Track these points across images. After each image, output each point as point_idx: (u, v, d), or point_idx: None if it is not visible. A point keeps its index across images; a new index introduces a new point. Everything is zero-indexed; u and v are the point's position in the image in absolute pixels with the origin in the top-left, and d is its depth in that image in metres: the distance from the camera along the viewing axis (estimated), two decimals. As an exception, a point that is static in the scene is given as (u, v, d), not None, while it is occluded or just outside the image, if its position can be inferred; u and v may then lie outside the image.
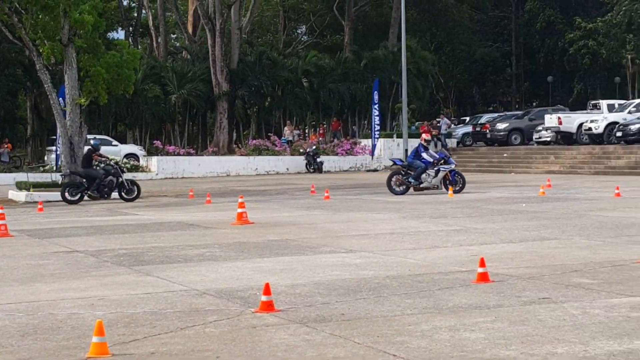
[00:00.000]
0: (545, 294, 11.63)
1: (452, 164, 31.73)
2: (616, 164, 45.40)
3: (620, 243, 16.70)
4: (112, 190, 32.41)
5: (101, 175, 32.21)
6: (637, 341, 8.94)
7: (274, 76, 66.57)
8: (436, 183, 31.48)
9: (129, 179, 33.26)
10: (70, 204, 31.56)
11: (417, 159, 31.59)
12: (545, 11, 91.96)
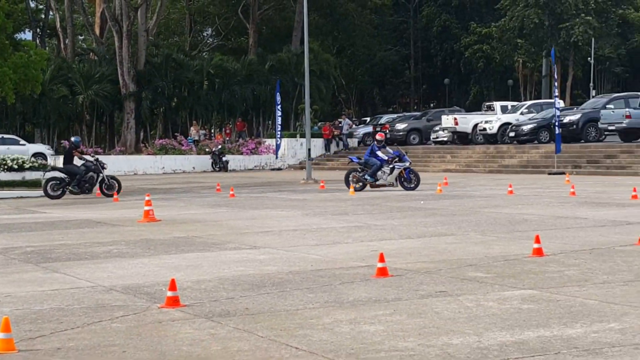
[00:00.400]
0: (441, 288, 11.74)
1: (406, 162, 31.38)
2: (509, 162, 46.04)
3: (512, 238, 16.93)
4: (92, 186, 32.14)
5: (81, 172, 31.88)
6: (528, 332, 9.07)
7: (180, 77, 66.24)
8: (391, 180, 31.30)
9: (109, 175, 32.87)
10: (52, 199, 31.26)
11: (373, 156, 31.48)
12: (442, 16, 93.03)
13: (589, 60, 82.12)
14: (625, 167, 39.76)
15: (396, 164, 31.23)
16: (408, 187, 31.28)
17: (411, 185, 31.37)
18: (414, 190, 30.92)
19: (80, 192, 31.90)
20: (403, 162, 31.33)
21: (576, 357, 8.00)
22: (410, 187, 31.29)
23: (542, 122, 48.56)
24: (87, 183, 31.98)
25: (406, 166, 31.37)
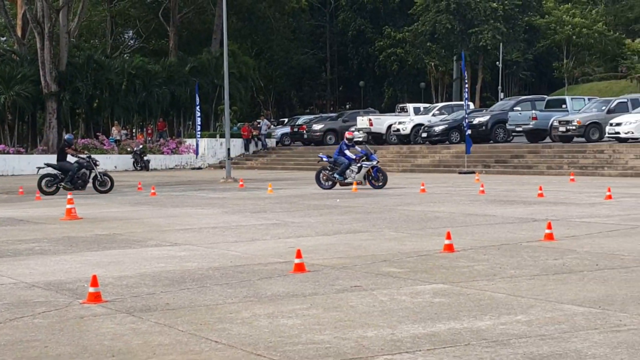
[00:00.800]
0: (356, 282, 11.79)
1: (373, 161, 30.89)
2: (422, 162, 46.39)
3: (425, 235, 17.07)
4: (85, 182, 32.09)
5: (74, 168, 31.79)
6: (439, 324, 9.16)
7: (101, 78, 65.51)
8: (359, 179, 30.76)
9: (102, 172, 32.94)
10: (47, 194, 31.14)
11: (342, 155, 31.05)
12: (357, 21, 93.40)
13: (497, 64, 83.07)
14: (531, 166, 40.31)
15: (364, 163, 30.78)
16: (376, 186, 30.82)
17: (379, 184, 30.94)
18: (382, 188, 30.52)
19: (74, 188, 31.52)
20: (370, 160, 30.90)
21: (485, 348, 8.10)
22: (378, 185, 30.86)
23: (453, 124, 49.02)
24: (80, 179, 31.95)
25: (373, 165, 30.93)
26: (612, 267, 12.51)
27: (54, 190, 31.68)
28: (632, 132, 39.16)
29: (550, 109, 46.32)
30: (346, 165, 30.88)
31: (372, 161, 30.92)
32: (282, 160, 57.27)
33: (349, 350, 8.16)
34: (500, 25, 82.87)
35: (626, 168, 35.95)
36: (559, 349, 8.01)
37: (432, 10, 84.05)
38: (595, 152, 39.21)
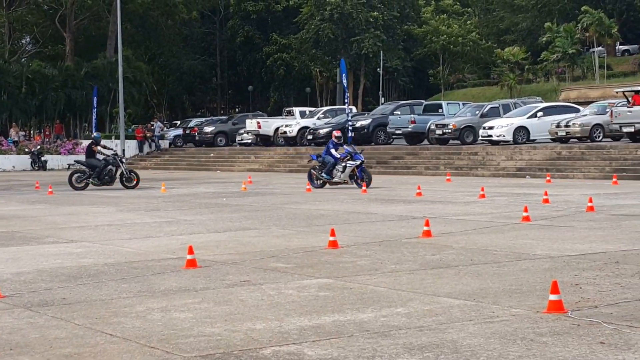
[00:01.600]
0: (246, 277, 11.75)
1: (357, 160, 29.19)
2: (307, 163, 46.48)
3: (310, 232, 17.11)
4: (112, 178, 32.14)
5: (101, 165, 31.93)
6: (324, 317, 9.17)
7: (0, 82, 64.17)
8: (345, 178, 29.38)
9: (128, 169, 33.11)
10: (77, 190, 31.51)
11: (329, 154, 29.76)
12: (245, 28, 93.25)
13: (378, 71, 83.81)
14: (410, 167, 40.74)
15: (348, 162, 29.35)
16: (360, 185, 29.07)
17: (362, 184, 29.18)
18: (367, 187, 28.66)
19: (101, 184, 31.88)
20: (354, 160, 29.32)
21: (367, 340, 8.13)
22: (360, 184, 29.12)
23: (337, 126, 49.15)
24: (107, 175, 31.98)
25: (357, 164, 29.30)
26: (486, 262, 12.71)
27: (84, 185, 31.89)
28: (504, 135, 39.88)
29: (427, 113, 46.85)
30: (332, 164, 29.65)
31: (356, 160, 29.32)
32: (175, 160, 56.84)
33: (239, 342, 8.11)
34: (380, 34, 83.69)
35: (498, 169, 36.60)
36: (436, 339, 8.09)
37: (316, 18, 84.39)
38: (470, 154, 39.81)
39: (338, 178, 29.57)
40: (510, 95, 71.96)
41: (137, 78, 69.45)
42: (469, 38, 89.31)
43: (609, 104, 40.19)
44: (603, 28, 76.72)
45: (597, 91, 64.69)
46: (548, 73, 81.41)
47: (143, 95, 73.48)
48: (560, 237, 15.20)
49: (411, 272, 11.93)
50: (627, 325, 8.44)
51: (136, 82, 69.21)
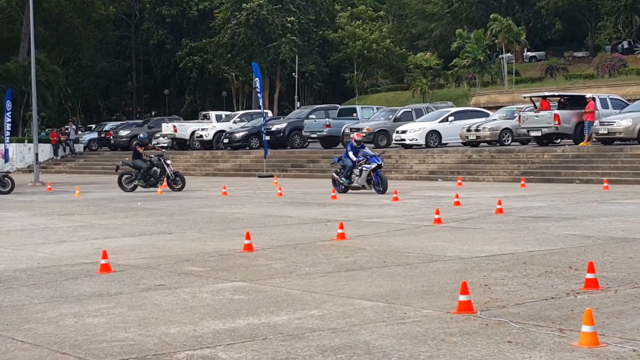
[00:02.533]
0: (160, 281, 11.66)
1: (372, 164, 27.08)
2: (224, 166, 46.35)
3: (226, 235, 17.05)
4: (157, 180, 31.18)
5: (145, 166, 30.97)
6: (239, 320, 9.15)
7: None
8: (362, 183, 27.35)
9: (174, 171, 31.94)
10: (126, 191, 30.77)
11: (347, 157, 27.74)
12: (159, 31, 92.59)
13: (293, 75, 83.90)
14: (325, 170, 40.83)
15: (364, 166, 27.29)
16: (377, 190, 27.05)
17: (379, 188, 27.06)
18: (383, 193, 26.61)
19: (147, 186, 31.08)
20: (369, 163, 27.21)
21: (281, 342, 8.14)
22: (378, 189, 27.06)
23: (253, 130, 49.18)
24: (152, 177, 31.10)
25: (372, 168, 27.16)
26: (398, 264, 12.80)
27: (133, 187, 31.12)
28: (416, 139, 40.24)
29: (342, 117, 47.06)
30: (350, 168, 27.65)
31: (372, 164, 27.22)
32: (90, 164, 56.16)
33: (153, 347, 8.05)
34: (296, 39, 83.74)
35: (411, 172, 36.91)
36: (350, 340, 8.13)
37: (232, 23, 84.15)
38: (384, 157, 40.06)
39: (356, 182, 27.63)
40: (423, 100, 72.62)
41: (51, 81, 68.48)
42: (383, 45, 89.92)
43: (517, 109, 40.84)
44: (511, 35, 77.95)
45: (506, 96, 65.72)
46: (459, 78, 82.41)
47: (57, 99, 72.47)
48: (471, 239, 15.39)
49: (325, 274, 11.97)
50: (533, 324, 8.58)
51: (50, 85, 68.25)
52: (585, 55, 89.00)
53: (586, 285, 10.38)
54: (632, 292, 10.13)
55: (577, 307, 9.26)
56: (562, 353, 7.49)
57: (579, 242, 14.55)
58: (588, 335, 7.71)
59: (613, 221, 17.56)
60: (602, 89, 55.70)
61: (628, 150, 32.13)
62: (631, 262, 12.32)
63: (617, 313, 9.01)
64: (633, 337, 7.97)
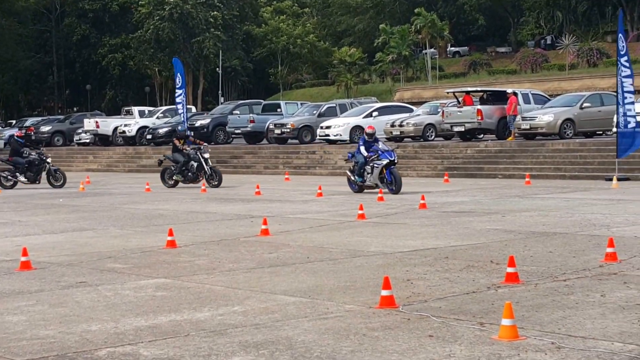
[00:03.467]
0: (82, 279, 11.57)
1: (384, 160, 24.60)
2: (147, 162, 45.97)
3: (149, 232, 16.96)
4: (195, 175, 29.37)
5: (182, 160, 29.40)
6: (161, 317, 9.13)
7: None
8: (375, 181, 24.86)
9: (211, 166, 29.93)
10: (168, 187, 29.48)
11: (359, 153, 25.23)
12: (81, 26, 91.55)
13: (217, 71, 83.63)
14: (250, 166, 40.83)
15: (375, 162, 24.79)
16: (390, 189, 24.56)
17: (392, 187, 24.61)
18: (397, 193, 24.29)
19: (187, 181, 29.49)
20: (380, 160, 24.74)
21: (204, 338, 8.15)
22: (391, 188, 24.58)
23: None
24: (189, 171, 29.44)
25: (384, 164, 24.67)
26: (322, 259, 12.87)
27: (174, 183, 29.79)
28: (341, 135, 40.37)
29: (266, 112, 47.02)
30: (361, 165, 25.23)
31: (383, 160, 24.71)
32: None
33: (74, 345, 8.00)
34: (220, 34, 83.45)
35: (335, 168, 37.04)
36: (272, 336, 8.17)
37: (155, 18, 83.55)
38: (308, 153, 40.16)
39: (369, 181, 25.16)
40: (347, 95, 73.00)
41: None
42: (307, 40, 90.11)
43: (440, 104, 41.22)
44: (435, 30, 78.73)
45: (430, 91, 66.29)
46: (383, 74, 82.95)
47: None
48: (394, 234, 15.53)
49: (248, 270, 11.98)
50: (454, 318, 8.71)
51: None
52: (508, 51, 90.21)
53: (507, 280, 10.56)
54: (551, 285, 10.32)
55: (498, 301, 9.42)
56: (482, 347, 7.61)
57: (500, 237, 14.78)
58: (508, 328, 7.85)
59: (534, 216, 17.86)
60: (524, 84, 56.48)
61: (549, 145, 32.66)
62: (551, 256, 12.56)
63: (537, 306, 9.19)
64: (552, 330, 8.14)
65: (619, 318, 8.56)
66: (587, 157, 30.58)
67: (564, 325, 8.32)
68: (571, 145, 32.24)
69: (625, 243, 13.31)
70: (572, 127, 34.68)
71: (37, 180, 31.04)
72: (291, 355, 7.49)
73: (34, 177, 30.92)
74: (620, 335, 7.90)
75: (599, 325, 8.30)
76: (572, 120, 34.64)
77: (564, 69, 67.60)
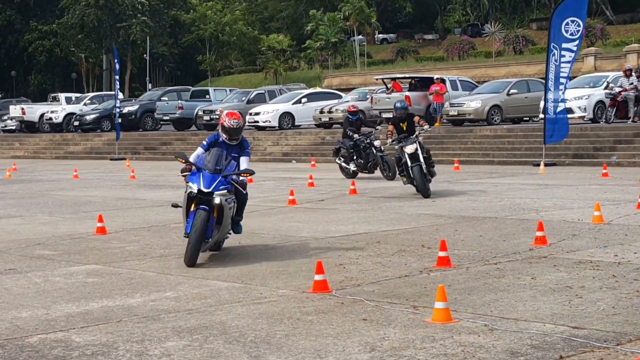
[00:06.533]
0: (11, 266, 11.38)
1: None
2: (75, 149, 45.43)
3: (78, 218, 16.75)
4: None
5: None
6: (92, 303, 9.02)
7: None
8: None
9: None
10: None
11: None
12: (7, 11, 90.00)
13: (145, 57, 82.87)
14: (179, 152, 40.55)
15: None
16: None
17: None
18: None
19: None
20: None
21: (136, 324, 8.06)
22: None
23: (104, 113, 48.39)
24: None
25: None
26: (254, 244, 12.83)
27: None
28: (270, 121, 40.31)
29: (195, 99, 46.80)
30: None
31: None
32: None
33: (4, 332, 7.85)
34: (147, 19, 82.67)
35: (265, 154, 36.96)
36: (205, 321, 8.11)
37: (80, 4, 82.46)
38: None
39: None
40: (276, 82, 72.91)
41: None
42: (235, 27, 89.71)
43: (369, 91, 41.38)
44: (363, 17, 78.95)
45: (358, 78, 66.53)
46: (312, 61, 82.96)
47: None
48: (325, 219, 15.54)
49: (180, 256, 11.87)
50: (388, 302, 8.73)
51: None
52: (435, 38, 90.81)
53: (439, 263, 10.62)
54: (482, 269, 10.41)
55: (430, 285, 9.46)
56: (416, 329, 7.64)
57: (431, 221, 14.86)
58: (441, 311, 7.89)
59: (464, 200, 18.01)
60: (451, 71, 56.99)
61: (477, 131, 32.96)
62: (481, 239, 12.67)
63: (469, 290, 9.25)
64: (484, 313, 8.20)
65: (550, 300, 8.66)
66: (514, 143, 30.92)
67: (496, 308, 8.40)
68: (499, 132, 32.59)
69: (554, 227, 13.48)
70: (499, 113, 35.11)
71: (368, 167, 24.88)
72: (225, 340, 7.45)
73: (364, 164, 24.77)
74: (551, 316, 8.00)
75: (530, 307, 8.39)
76: (500, 106, 35.06)
77: (491, 56, 68.33)
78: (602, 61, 54.03)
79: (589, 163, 27.12)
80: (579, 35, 25.91)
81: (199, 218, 11.14)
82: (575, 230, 13.20)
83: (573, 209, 15.94)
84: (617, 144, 28.34)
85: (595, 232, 13.05)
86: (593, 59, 54.47)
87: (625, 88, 31.15)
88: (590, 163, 27.06)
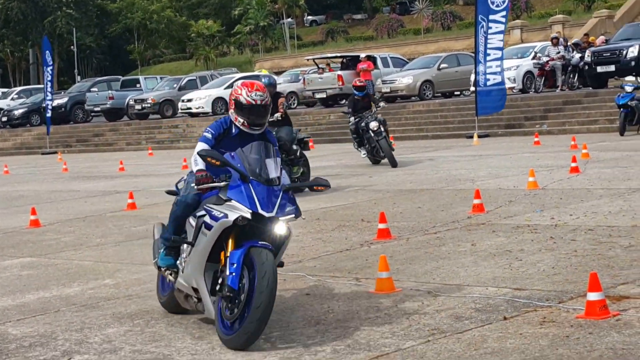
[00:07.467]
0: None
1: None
2: (4, 145, 44.67)
3: (10, 213, 16.46)
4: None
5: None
6: (29, 295, 8.86)
7: None
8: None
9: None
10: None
11: None
12: None
13: (72, 49, 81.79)
14: (112, 143, 40.09)
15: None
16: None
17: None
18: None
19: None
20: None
21: (75, 313, 7.94)
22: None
23: (33, 107, 47.66)
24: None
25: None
26: (191, 228, 12.67)
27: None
28: (203, 107, 39.98)
29: (125, 88, 46.30)
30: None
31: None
32: None
33: (-63, 329, 7.65)
34: (72, 11, 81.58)
35: (198, 140, 36.72)
36: (146, 306, 8.01)
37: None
38: (170, 127, 39.67)
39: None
40: (207, 68, 72.37)
41: None
42: (163, 15, 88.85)
43: (301, 72, 41.28)
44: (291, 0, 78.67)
45: (290, 61, 66.39)
46: (242, 45, 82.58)
47: None
48: (263, 200, 15.40)
49: (117, 244, 11.73)
50: (330, 276, 8.68)
51: None
52: (364, 18, 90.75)
53: (379, 236, 10.59)
54: (422, 239, 10.40)
55: (372, 257, 9.42)
56: (360, 300, 7.59)
57: (369, 196, 14.84)
58: (384, 281, 7.85)
59: (400, 175, 18.01)
60: (382, 49, 56.98)
61: (410, 107, 33.05)
62: (420, 211, 12.66)
63: (410, 259, 9.24)
64: (427, 280, 8.18)
65: (491, 264, 8.68)
66: (447, 117, 31.05)
67: (439, 275, 8.39)
68: (431, 106, 32.72)
69: (490, 195, 13.53)
70: (431, 88, 35.24)
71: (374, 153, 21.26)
72: (167, 323, 7.34)
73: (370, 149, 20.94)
74: (493, 280, 8.00)
75: (472, 272, 8.40)
76: (431, 81, 35.20)
77: (420, 33, 68.51)
78: (528, 33, 54.47)
79: (521, 133, 27.34)
80: (505, 5, 26.07)
81: (268, 264, 6.45)
82: (511, 197, 13.27)
83: (508, 176, 16.03)
84: (547, 112, 28.58)
85: (531, 197, 13.13)
86: (519, 31, 54.88)
87: (553, 57, 31.40)
88: (522, 132, 27.28)
